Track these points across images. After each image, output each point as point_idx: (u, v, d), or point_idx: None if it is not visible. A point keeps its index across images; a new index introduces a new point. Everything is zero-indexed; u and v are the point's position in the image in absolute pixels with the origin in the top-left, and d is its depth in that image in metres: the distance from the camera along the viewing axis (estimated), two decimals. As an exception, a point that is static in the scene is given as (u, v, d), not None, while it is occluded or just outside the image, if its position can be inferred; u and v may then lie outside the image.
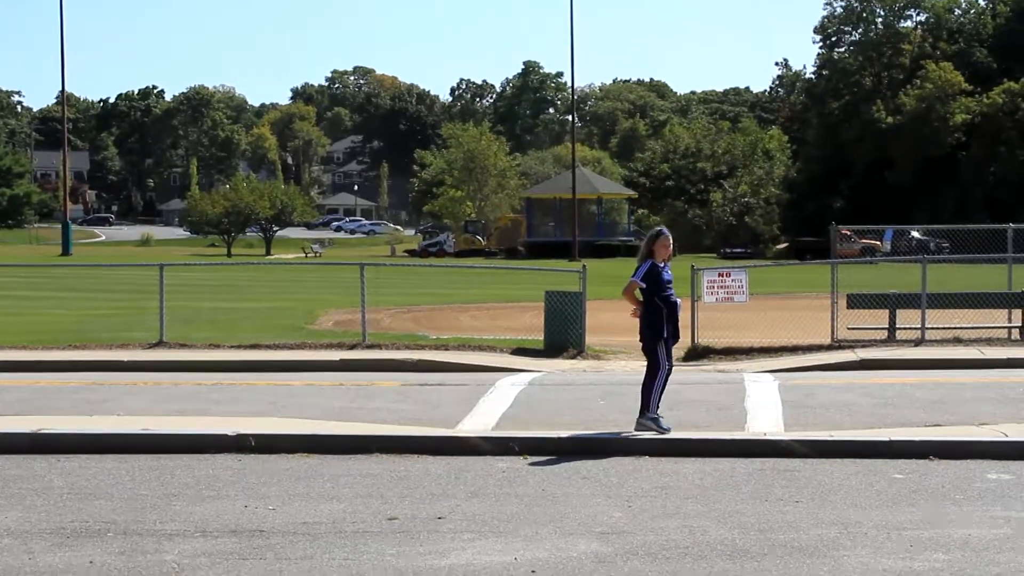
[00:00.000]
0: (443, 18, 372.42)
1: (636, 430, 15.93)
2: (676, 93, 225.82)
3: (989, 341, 26.93)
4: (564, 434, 15.97)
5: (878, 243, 73.96)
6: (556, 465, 14.71)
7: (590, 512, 12.23)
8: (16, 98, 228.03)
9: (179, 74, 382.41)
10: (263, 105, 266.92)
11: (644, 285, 15.90)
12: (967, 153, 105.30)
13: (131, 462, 14.89)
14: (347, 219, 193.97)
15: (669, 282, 16.25)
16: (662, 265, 16.25)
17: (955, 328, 27.76)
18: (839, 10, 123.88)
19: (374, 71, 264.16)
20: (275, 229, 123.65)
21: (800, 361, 24.94)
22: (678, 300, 16.33)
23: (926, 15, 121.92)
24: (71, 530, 11.59)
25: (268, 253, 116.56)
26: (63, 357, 25.40)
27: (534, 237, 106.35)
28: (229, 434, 15.85)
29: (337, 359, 25.08)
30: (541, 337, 26.85)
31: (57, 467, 14.65)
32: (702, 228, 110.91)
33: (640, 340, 16.35)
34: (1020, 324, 28.05)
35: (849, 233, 68.38)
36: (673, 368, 16.47)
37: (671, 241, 16.34)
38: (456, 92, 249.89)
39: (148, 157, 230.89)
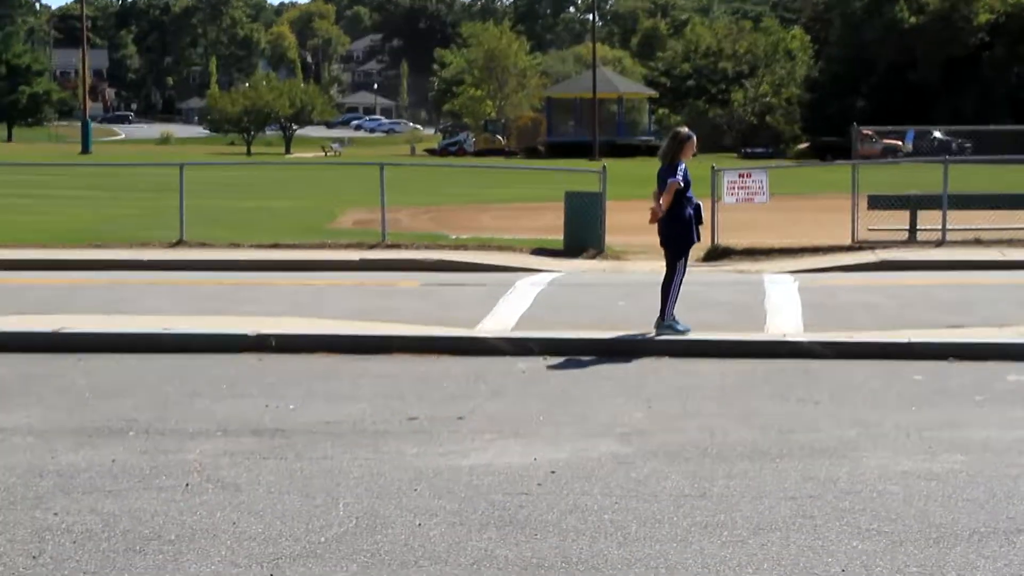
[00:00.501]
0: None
1: (655, 331, 15.91)
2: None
3: (1010, 242, 26.84)
4: (584, 335, 15.98)
5: (900, 143, 73.51)
6: (576, 366, 14.72)
7: (610, 413, 12.24)
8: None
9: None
10: (282, 3, 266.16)
11: (683, 185, 15.71)
12: (990, 53, 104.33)
13: (152, 361, 14.94)
14: (367, 118, 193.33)
15: (689, 184, 16.16)
16: (683, 166, 16.14)
17: (976, 229, 27.67)
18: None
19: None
20: (295, 128, 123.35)
21: (820, 262, 24.91)
22: (700, 202, 16.24)
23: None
24: (93, 429, 11.63)
25: (288, 152, 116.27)
26: (83, 256, 25.43)
27: (554, 137, 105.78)
28: (249, 334, 15.89)
29: (357, 258, 25.08)
30: (561, 237, 26.81)
31: (79, 366, 14.70)
32: (723, 128, 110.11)
33: (661, 244, 16.19)
34: (1042, 225, 27.94)
35: (870, 133, 67.96)
36: (687, 271, 16.34)
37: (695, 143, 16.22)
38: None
39: (167, 55, 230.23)
